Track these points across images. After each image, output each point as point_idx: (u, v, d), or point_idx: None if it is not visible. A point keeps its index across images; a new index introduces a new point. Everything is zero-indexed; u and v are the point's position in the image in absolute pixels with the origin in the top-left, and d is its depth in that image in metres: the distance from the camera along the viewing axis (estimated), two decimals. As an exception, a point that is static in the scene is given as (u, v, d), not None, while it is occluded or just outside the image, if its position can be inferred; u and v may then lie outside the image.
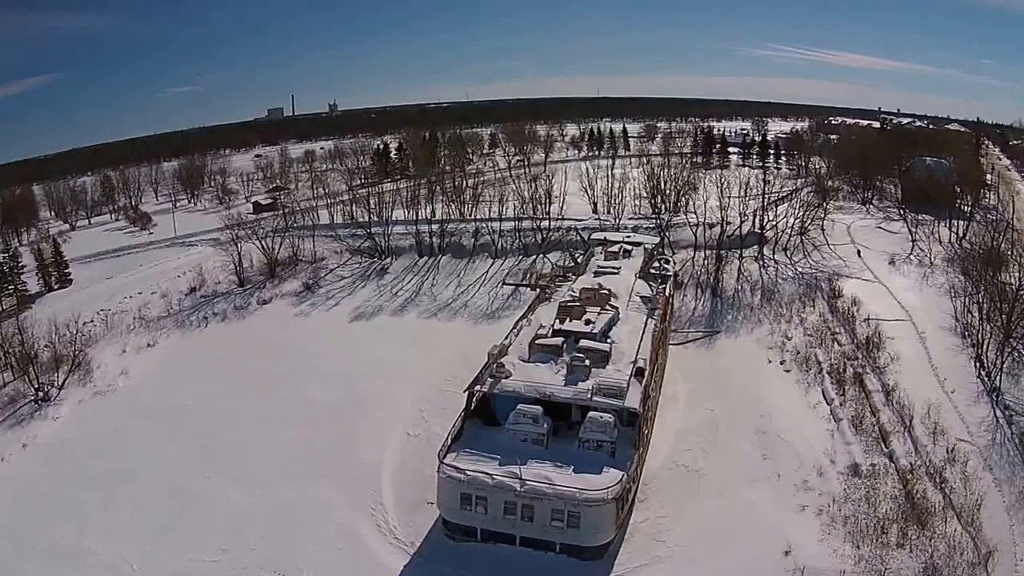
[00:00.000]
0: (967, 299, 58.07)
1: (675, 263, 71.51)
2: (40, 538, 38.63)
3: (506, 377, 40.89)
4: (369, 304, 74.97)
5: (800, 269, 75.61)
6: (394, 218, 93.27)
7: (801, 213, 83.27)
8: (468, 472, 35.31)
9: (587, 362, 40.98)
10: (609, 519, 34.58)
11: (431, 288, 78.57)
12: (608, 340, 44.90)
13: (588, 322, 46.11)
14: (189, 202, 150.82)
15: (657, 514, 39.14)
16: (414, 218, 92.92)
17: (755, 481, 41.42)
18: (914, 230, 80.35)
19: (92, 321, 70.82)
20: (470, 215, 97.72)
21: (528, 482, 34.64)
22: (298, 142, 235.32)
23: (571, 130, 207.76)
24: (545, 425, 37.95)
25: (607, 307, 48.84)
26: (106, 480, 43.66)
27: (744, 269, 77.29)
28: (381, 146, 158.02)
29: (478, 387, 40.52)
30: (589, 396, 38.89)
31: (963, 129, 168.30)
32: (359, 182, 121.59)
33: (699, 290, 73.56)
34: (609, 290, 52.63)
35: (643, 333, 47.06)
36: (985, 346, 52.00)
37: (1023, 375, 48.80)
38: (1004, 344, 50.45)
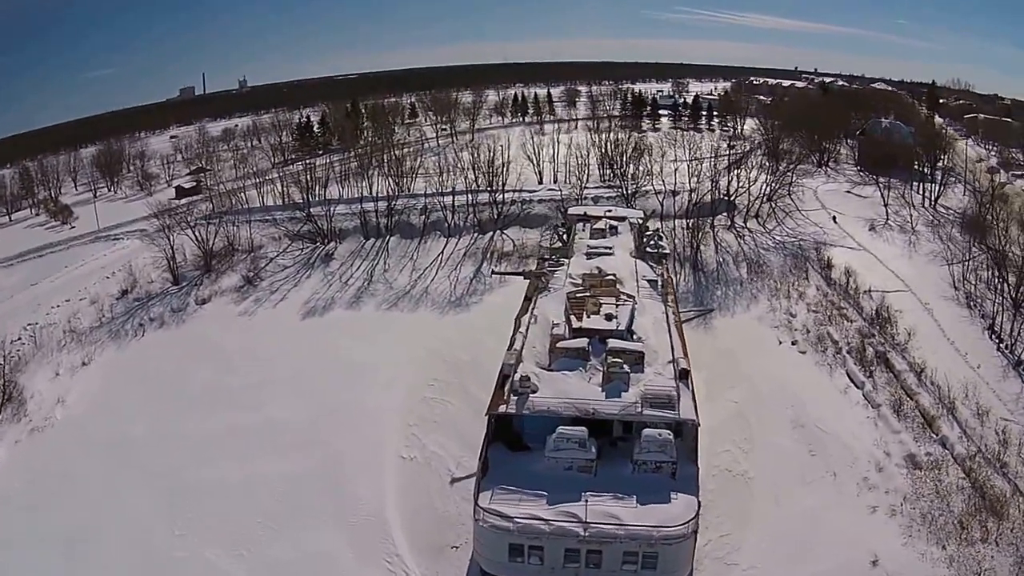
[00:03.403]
0: (965, 267, 56.96)
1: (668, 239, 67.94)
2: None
3: (533, 392, 35.63)
4: (319, 296, 68.76)
5: (779, 238, 74.15)
6: (331, 196, 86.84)
7: (770, 178, 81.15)
8: (517, 519, 29.97)
9: (625, 367, 36.24)
10: (688, 554, 30.82)
11: (384, 274, 73.14)
12: (635, 336, 40.30)
13: (609, 317, 41.57)
14: (109, 190, 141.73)
15: (719, 532, 35.72)
16: (356, 196, 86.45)
17: (811, 482, 38.89)
18: (886, 194, 79.50)
19: (20, 339, 62.26)
20: (411, 190, 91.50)
21: (593, 524, 29.69)
22: (212, 120, 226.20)
23: (491, 96, 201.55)
24: (593, 449, 33.17)
25: (623, 297, 44.23)
26: (62, 545, 36.31)
27: (720, 239, 74.66)
28: (303, 120, 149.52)
29: (503, 407, 35.01)
30: (639, 410, 34.34)
31: (891, 88, 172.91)
32: (282, 159, 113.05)
33: (676, 263, 70.51)
34: (614, 275, 48.21)
35: (668, 325, 43.10)
36: (999, 318, 50.82)
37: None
38: (1016, 315, 49.45)
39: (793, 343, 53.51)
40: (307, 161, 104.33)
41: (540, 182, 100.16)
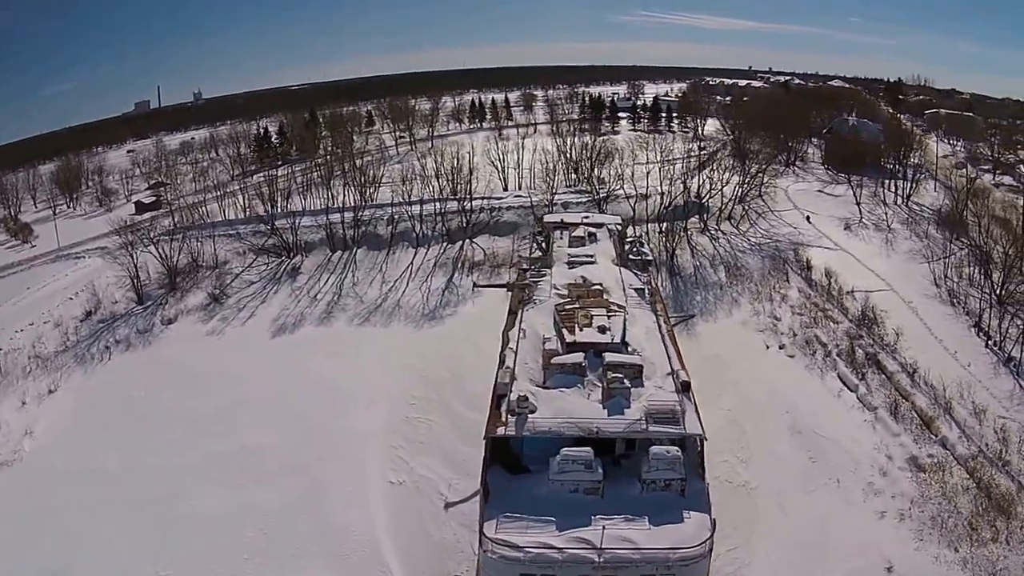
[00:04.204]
0: (946, 264, 57.90)
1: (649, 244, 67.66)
2: None
3: (531, 412, 34.52)
4: (288, 313, 67.25)
5: (754, 240, 74.51)
6: (295, 208, 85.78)
7: (742, 179, 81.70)
8: (528, 549, 28.86)
9: (626, 382, 35.44)
10: (704, 574, 29.62)
11: (353, 288, 71.90)
12: (630, 349, 39.58)
13: (602, 329, 40.59)
14: (69, 207, 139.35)
15: (726, 547, 35.09)
16: (321, 207, 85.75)
17: (814, 490, 38.83)
18: (858, 192, 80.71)
19: (-16, 367, 59.86)
20: (374, 199, 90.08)
21: (608, 550, 28.74)
22: (169, 133, 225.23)
23: (448, 102, 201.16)
24: (599, 470, 32.21)
25: (613, 307, 43.38)
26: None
27: (694, 242, 74.79)
28: (261, 131, 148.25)
29: (502, 429, 33.86)
30: (644, 426, 33.53)
31: (849, 86, 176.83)
32: (241, 171, 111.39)
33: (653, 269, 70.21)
34: (600, 285, 47.47)
35: (661, 334, 42.47)
36: (985, 315, 51.83)
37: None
38: (1003, 312, 50.26)
39: (780, 347, 53.69)
40: (269, 173, 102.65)
41: (505, 188, 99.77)
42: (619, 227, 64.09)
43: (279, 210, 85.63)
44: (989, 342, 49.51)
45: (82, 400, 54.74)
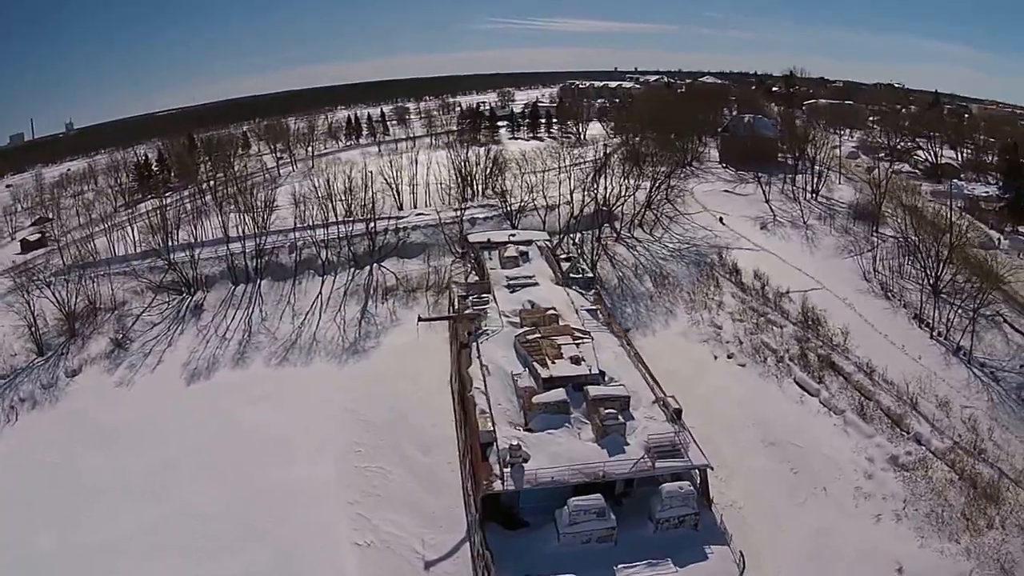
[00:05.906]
0: (875, 257, 60.58)
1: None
2: None
3: (525, 460, 32.62)
4: (199, 356, 62.40)
5: (671, 245, 75.41)
6: (190, 239, 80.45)
7: (651, 184, 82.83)
8: None
9: (620, 418, 34.25)
10: (742, 609, 28.93)
11: (263, 323, 67.73)
12: (608, 378, 38.58)
13: (576, 360, 39.32)
14: None
15: (735, 575, 34.01)
16: (217, 237, 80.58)
17: (804, 502, 39.33)
18: (767, 190, 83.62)
19: None
20: (269, 226, 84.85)
21: None
22: (46, 165, 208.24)
23: (323, 120, 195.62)
24: (612, 516, 30.88)
25: (577, 334, 42.12)
26: None
27: (612, 252, 74.96)
28: (141, 159, 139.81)
29: (498, 484, 31.78)
30: (649, 463, 32.53)
31: (718, 81, 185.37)
32: (124, 202, 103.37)
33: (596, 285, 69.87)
34: (553, 309, 46.26)
35: (631, 358, 41.77)
36: (922, 306, 54.30)
37: (980, 332, 51.51)
38: (941, 302, 53.02)
39: (729, 356, 54.25)
40: (161, 203, 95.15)
41: (400, 207, 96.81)
42: (548, 243, 63.20)
43: (174, 242, 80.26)
44: (933, 333, 52.22)
45: (-5, 470, 48.49)
